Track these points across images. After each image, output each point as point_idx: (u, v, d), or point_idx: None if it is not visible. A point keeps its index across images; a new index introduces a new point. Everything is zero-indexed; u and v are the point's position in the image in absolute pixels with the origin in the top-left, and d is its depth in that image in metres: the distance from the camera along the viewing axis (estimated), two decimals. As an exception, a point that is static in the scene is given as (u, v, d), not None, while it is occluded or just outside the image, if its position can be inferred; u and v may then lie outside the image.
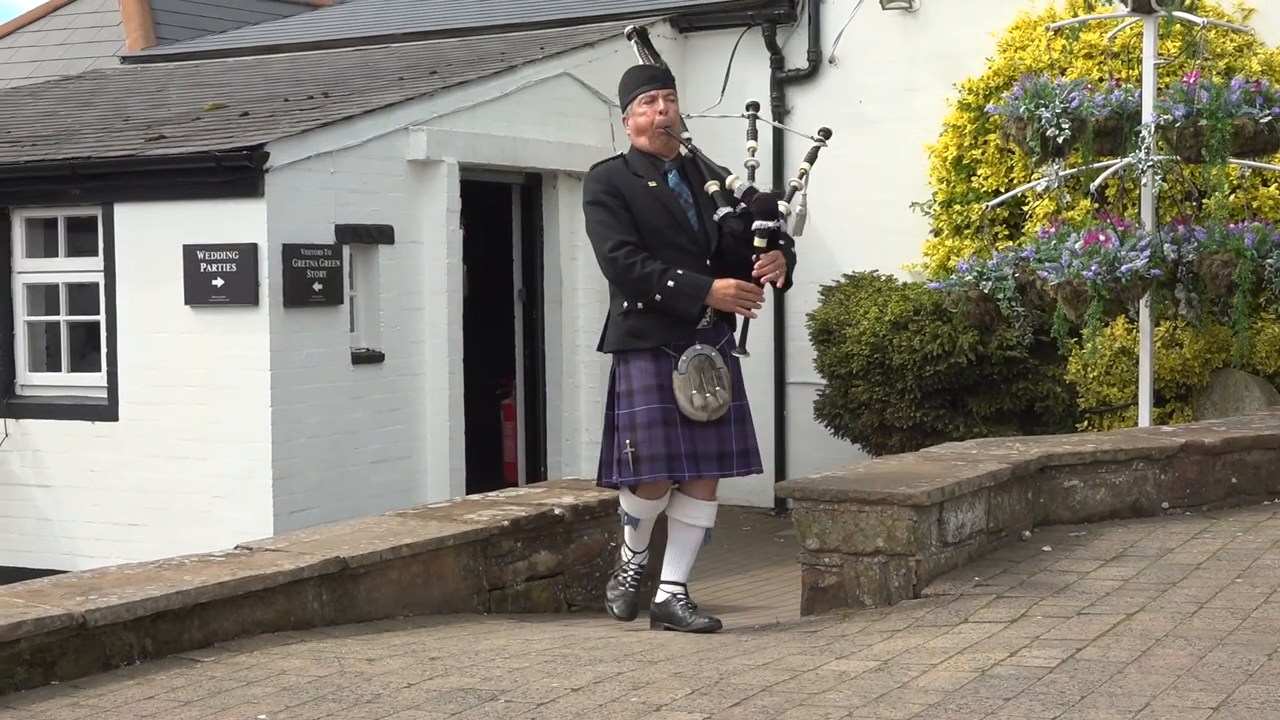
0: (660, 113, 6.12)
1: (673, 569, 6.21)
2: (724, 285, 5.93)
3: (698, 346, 5.94)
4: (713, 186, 6.08)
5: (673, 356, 5.92)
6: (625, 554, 6.43)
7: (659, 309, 5.91)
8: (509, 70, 11.42)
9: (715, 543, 11.21)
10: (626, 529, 6.35)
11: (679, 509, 6.19)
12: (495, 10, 14.55)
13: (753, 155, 6.25)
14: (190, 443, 9.83)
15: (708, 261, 6.00)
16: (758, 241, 5.94)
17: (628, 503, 6.22)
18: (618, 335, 6.04)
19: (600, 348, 6.20)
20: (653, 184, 6.05)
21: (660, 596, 6.22)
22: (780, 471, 12.19)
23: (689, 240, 6.00)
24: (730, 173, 6.15)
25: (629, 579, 6.36)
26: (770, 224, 5.96)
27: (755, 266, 5.96)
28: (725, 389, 5.95)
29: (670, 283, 5.88)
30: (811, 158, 6.28)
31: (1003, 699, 4.56)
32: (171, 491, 9.90)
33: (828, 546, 6.37)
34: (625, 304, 5.98)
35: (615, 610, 6.34)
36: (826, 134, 6.36)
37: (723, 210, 6.03)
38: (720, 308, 5.96)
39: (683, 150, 6.21)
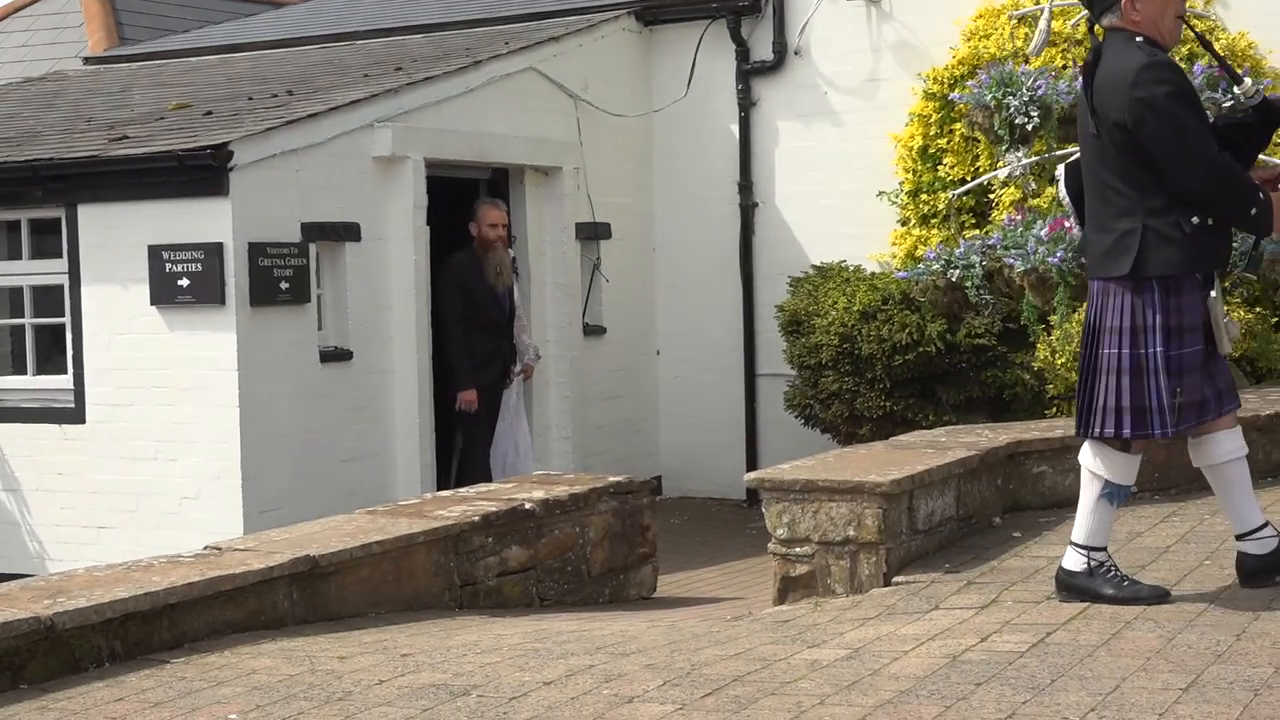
0: None
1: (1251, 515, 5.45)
2: (1278, 197, 5.28)
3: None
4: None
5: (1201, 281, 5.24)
6: (1090, 558, 5.42)
7: (1239, 225, 5.30)
8: (474, 66, 11.38)
9: (687, 534, 11.19)
10: (1099, 512, 5.40)
11: (1210, 452, 5.42)
12: (459, 6, 14.51)
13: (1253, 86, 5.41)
14: (158, 444, 9.78)
15: None
16: None
17: (1115, 466, 5.37)
18: (1184, 256, 5.16)
19: (1135, 271, 5.19)
20: None
21: (1260, 547, 5.42)
22: (751, 462, 12.20)
23: None
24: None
25: (1122, 578, 5.44)
26: None
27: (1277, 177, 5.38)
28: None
29: (1261, 195, 5.18)
30: None
31: (974, 684, 4.58)
32: (140, 493, 9.85)
33: (798, 536, 6.39)
34: (1196, 219, 5.14)
35: (1145, 596, 5.40)
36: None
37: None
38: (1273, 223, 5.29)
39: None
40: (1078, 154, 5.67)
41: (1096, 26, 5.46)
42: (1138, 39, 5.27)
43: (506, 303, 10.85)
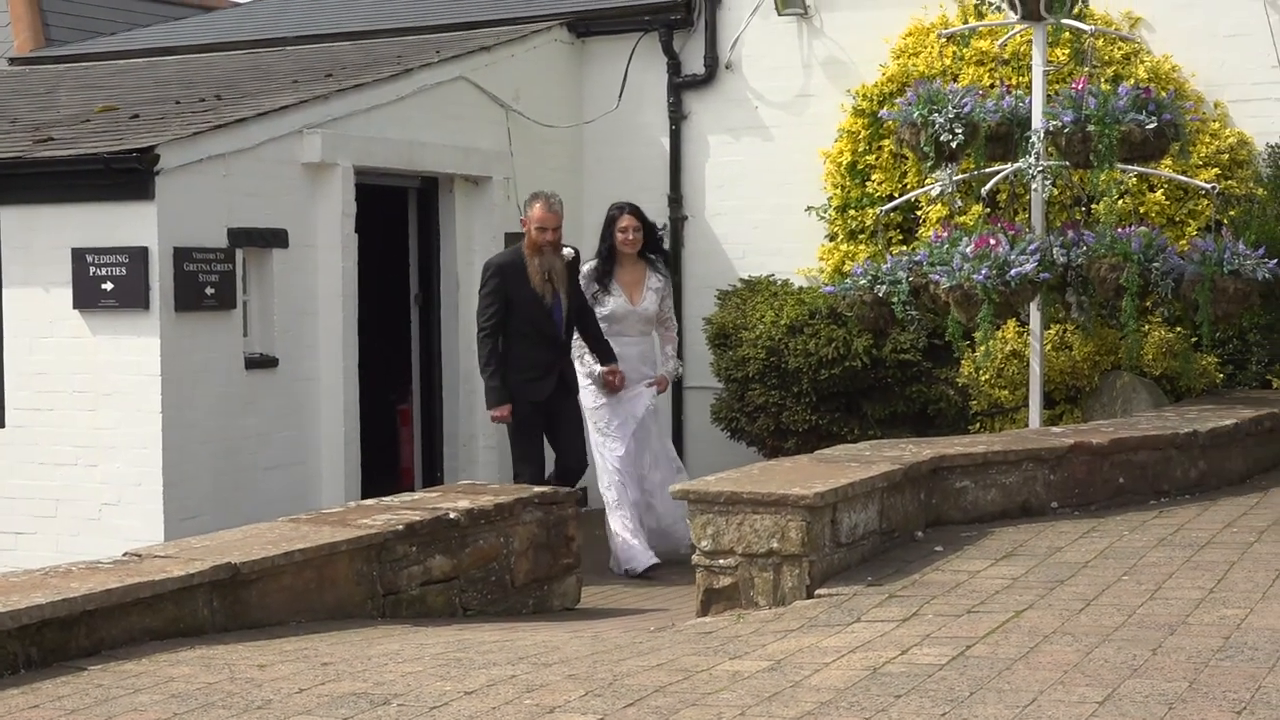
0: None
1: None
2: None
3: None
4: None
5: None
6: None
7: None
8: (405, 74, 11.35)
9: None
10: None
11: None
12: (390, 14, 14.47)
13: None
14: (79, 449, 9.68)
15: None
16: None
17: None
18: None
19: None
20: None
21: None
22: (677, 475, 12.20)
23: None
24: None
25: None
26: None
27: None
28: None
29: None
30: None
31: (894, 696, 4.61)
32: (60, 499, 9.74)
33: (722, 548, 6.41)
34: None
35: None
36: None
37: None
38: None
39: None
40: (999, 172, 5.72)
41: None
42: None
43: (559, 313, 9.65)
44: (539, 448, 9.71)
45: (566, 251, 9.82)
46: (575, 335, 9.89)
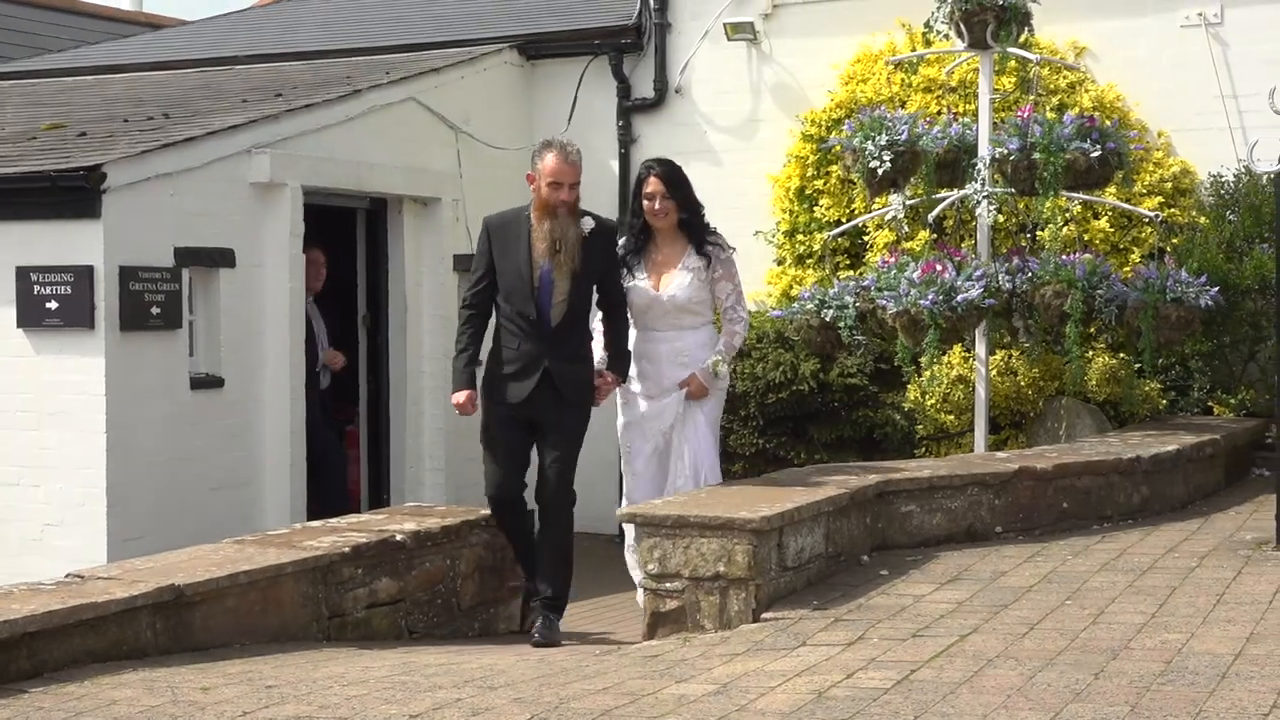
0: None
1: None
2: None
3: None
4: None
5: None
6: None
7: None
8: (354, 94, 11.34)
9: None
10: None
11: None
12: (340, 34, 14.45)
13: None
14: (22, 469, 9.60)
15: None
16: None
17: None
18: None
19: None
20: None
21: None
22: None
23: None
24: None
25: None
26: None
27: None
28: None
29: None
30: None
31: (838, 720, 4.63)
32: (2, 519, 9.64)
33: (669, 571, 6.42)
34: None
35: None
36: None
37: None
38: None
39: None
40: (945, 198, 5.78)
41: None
42: None
43: (547, 295, 7.60)
44: (506, 460, 7.66)
45: (585, 222, 7.92)
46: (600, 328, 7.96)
